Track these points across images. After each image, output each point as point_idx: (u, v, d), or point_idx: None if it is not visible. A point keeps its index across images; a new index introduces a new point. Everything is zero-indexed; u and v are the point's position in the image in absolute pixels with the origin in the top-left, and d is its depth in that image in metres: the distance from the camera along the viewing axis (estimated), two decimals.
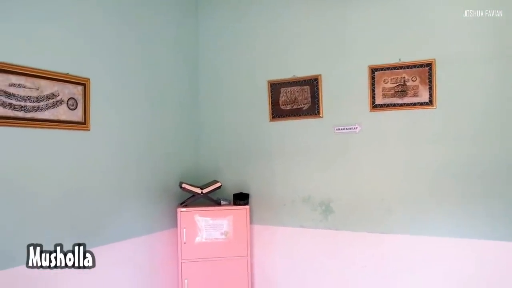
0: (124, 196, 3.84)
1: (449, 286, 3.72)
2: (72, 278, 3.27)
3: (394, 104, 3.87)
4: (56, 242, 3.13)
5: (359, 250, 4.08)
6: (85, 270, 3.03)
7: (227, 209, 4.25)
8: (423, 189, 3.81)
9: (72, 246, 2.19)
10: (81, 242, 2.31)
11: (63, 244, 3.18)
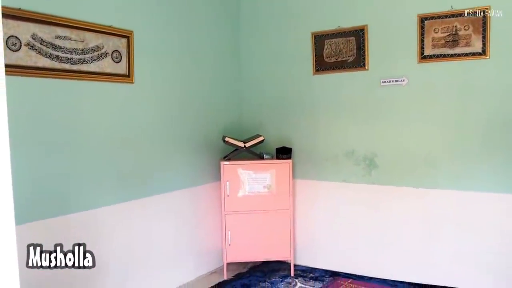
0: (168, 149, 3.91)
1: (496, 243, 3.64)
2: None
3: (444, 55, 3.70)
4: (100, 191, 3.27)
5: (402, 205, 4.02)
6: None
7: (269, 163, 4.26)
8: (473, 143, 3.67)
9: (72, 246, 2.26)
10: (81, 242, 2.40)
11: (108, 195, 3.32)
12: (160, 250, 3.81)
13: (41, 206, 2.92)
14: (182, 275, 4.08)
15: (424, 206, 3.92)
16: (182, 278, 4.07)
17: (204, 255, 4.34)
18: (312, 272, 4.40)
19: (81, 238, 3.14)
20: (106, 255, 3.33)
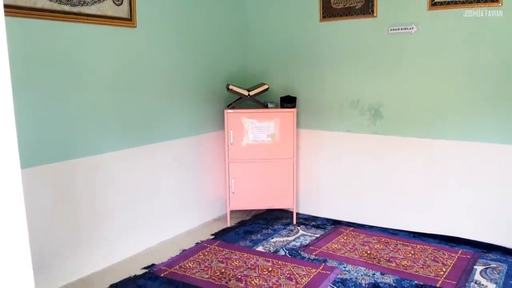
0: (172, 96, 3.87)
1: (500, 194, 3.65)
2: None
3: (455, 1, 3.58)
4: (105, 136, 3.26)
5: (407, 155, 4.02)
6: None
7: (274, 111, 4.23)
8: (482, 93, 3.62)
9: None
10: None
11: (113, 141, 3.31)
12: (164, 197, 3.85)
13: (46, 151, 2.93)
14: (186, 222, 4.14)
15: (429, 157, 3.91)
16: (186, 225, 4.13)
17: (208, 202, 4.39)
18: (314, 220, 4.46)
19: (86, 183, 3.17)
20: (110, 201, 3.36)
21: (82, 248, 3.20)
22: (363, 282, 3.14)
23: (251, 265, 3.40)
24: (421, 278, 3.20)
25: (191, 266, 3.38)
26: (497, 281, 3.16)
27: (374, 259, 3.53)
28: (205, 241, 3.89)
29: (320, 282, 3.12)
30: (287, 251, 3.70)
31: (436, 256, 3.58)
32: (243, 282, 3.11)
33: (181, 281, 3.12)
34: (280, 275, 3.23)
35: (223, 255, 3.57)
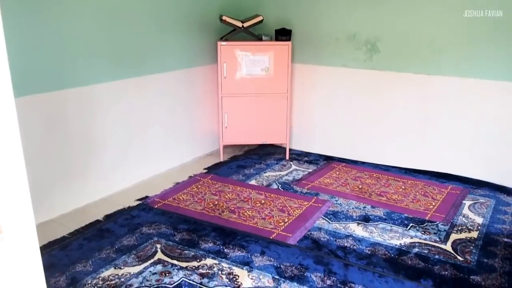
0: (163, 27, 3.73)
1: (493, 130, 3.66)
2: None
3: None
4: (95, 67, 3.17)
5: (402, 91, 3.97)
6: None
7: (268, 44, 4.11)
8: (482, 29, 3.52)
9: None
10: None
11: (103, 72, 3.22)
12: (156, 131, 3.81)
13: (35, 80, 2.84)
14: (179, 156, 4.13)
15: (425, 93, 3.87)
16: (178, 159, 4.12)
17: (201, 137, 4.36)
18: (307, 156, 4.47)
19: (78, 115, 3.12)
20: (102, 133, 3.32)
21: (75, 179, 3.20)
22: (354, 214, 3.19)
23: (244, 197, 3.43)
24: (411, 212, 3.25)
25: (184, 198, 3.40)
26: (485, 215, 3.22)
27: (365, 193, 3.57)
28: (198, 174, 3.90)
29: (312, 214, 3.16)
30: (279, 184, 3.72)
31: (426, 191, 3.63)
32: (236, 214, 3.15)
33: (175, 212, 3.15)
34: (273, 207, 3.26)
35: (216, 188, 3.59)
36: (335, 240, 2.81)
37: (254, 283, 2.33)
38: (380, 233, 2.92)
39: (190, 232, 2.88)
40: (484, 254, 2.69)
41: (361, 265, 2.52)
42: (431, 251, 2.72)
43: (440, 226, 3.05)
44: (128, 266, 2.48)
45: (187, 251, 2.64)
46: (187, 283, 2.32)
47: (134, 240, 2.76)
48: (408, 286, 2.33)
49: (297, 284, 2.33)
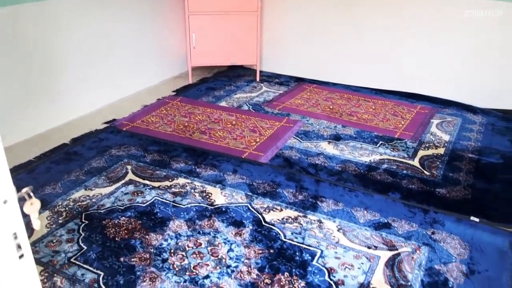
0: None
1: (463, 52, 3.66)
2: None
3: None
4: None
5: (375, 10, 3.88)
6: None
7: None
8: None
9: None
10: None
11: None
12: (121, 52, 3.65)
13: None
14: (147, 78, 4.00)
15: (394, 12, 3.80)
16: (146, 81, 4.00)
17: (168, 59, 4.22)
18: (277, 77, 4.41)
19: (35, 33, 2.94)
20: (65, 54, 3.15)
21: (38, 104, 3.06)
22: (325, 134, 3.20)
23: (215, 119, 3.38)
24: (380, 130, 3.28)
25: (153, 120, 3.33)
26: (451, 132, 3.29)
27: (336, 113, 3.57)
28: (166, 97, 3.81)
29: (283, 134, 3.16)
30: (250, 106, 3.68)
31: (396, 110, 3.66)
32: (207, 135, 3.12)
33: (144, 134, 3.10)
34: (244, 128, 3.24)
35: (185, 110, 3.53)
36: (306, 158, 2.83)
37: (227, 200, 2.35)
38: (351, 151, 2.96)
39: (161, 153, 2.84)
40: (450, 168, 2.77)
41: (332, 181, 2.56)
42: (400, 166, 2.77)
43: (408, 143, 3.10)
44: (99, 187, 2.45)
45: (159, 172, 2.62)
46: (160, 202, 2.32)
47: (103, 162, 2.72)
48: (377, 199, 2.39)
49: (269, 199, 2.36)
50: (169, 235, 2.06)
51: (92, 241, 2.01)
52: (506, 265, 1.90)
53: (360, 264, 1.90)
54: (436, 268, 1.88)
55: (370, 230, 2.13)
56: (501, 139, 3.21)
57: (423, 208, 2.32)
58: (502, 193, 2.51)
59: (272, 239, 2.04)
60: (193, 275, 1.82)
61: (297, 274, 1.83)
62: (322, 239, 2.06)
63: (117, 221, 2.15)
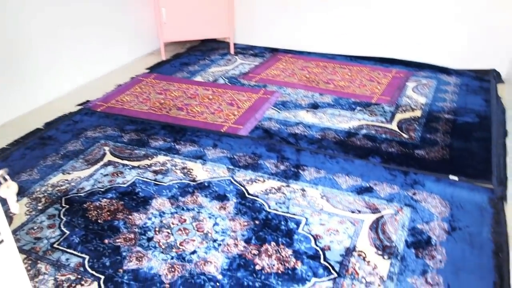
0: None
1: (436, 14, 3.66)
2: None
3: None
4: None
5: None
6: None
7: None
8: None
9: None
10: None
11: None
12: (90, 31, 3.53)
13: None
14: (118, 57, 3.90)
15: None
16: (117, 60, 3.90)
17: (139, 36, 4.12)
18: (252, 49, 4.36)
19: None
20: (29, 36, 3.04)
21: (5, 88, 2.96)
22: (302, 103, 3.19)
23: (191, 94, 3.34)
24: (357, 96, 3.29)
25: (128, 99, 3.27)
26: (427, 95, 3.31)
27: (313, 81, 3.56)
28: (140, 75, 3.73)
29: (261, 105, 3.14)
30: (226, 79, 3.64)
31: (372, 76, 3.66)
32: (184, 111, 3.07)
33: (120, 114, 3.04)
34: (221, 101, 3.21)
35: (161, 87, 3.47)
36: (286, 128, 2.82)
37: (209, 174, 2.33)
38: (329, 118, 2.96)
39: (138, 132, 2.80)
40: (427, 130, 2.80)
41: (312, 149, 2.57)
42: (378, 131, 2.79)
43: (385, 107, 3.11)
44: (77, 170, 2.41)
45: (138, 151, 2.58)
46: (141, 181, 2.29)
47: (80, 145, 2.66)
48: (357, 163, 2.41)
49: (251, 171, 2.35)
50: (152, 214, 2.04)
51: (74, 225, 1.98)
52: (486, 220, 1.94)
53: (345, 229, 1.92)
54: (418, 228, 1.91)
55: (353, 195, 2.15)
56: (475, 99, 3.25)
57: (403, 170, 2.34)
58: (479, 151, 2.55)
59: (257, 211, 2.05)
60: (180, 251, 1.81)
61: (284, 243, 1.84)
62: (306, 207, 2.07)
63: (98, 204, 2.12)
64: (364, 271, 1.69)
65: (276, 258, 1.76)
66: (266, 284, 1.64)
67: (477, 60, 3.72)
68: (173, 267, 1.73)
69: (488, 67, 3.71)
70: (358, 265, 1.72)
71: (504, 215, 1.97)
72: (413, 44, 3.86)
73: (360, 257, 1.76)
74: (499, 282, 1.60)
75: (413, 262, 1.72)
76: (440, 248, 1.79)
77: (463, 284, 1.60)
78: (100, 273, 1.71)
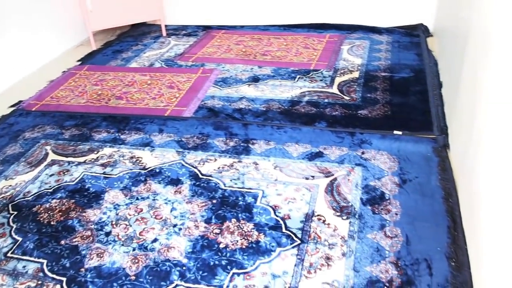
0: None
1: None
2: None
3: None
4: None
5: None
6: None
7: None
8: None
9: None
10: None
11: None
12: (13, 28, 3.33)
13: None
14: (46, 52, 3.70)
15: None
16: (46, 55, 3.71)
17: (66, 27, 3.93)
18: (184, 29, 4.28)
19: None
20: None
21: None
22: (243, 77, 3.18)
23: (128, 82, 3.24)
24: (296, 65, 3.32)
25: (63, 95, 3.13)
26: (362, 55, 3.40)
27: (250, 55, 3.55)
28: (72, 68, 3.58)
29: (202, 84, 3.10)
30: (162, 62, 3.56)
31: (307, 43, 3.70)
32: (124, 99, 2.99)
33: (57, 110, 2.91)
34: (161, 85, 3.14)
35: (96, 78, 3.34)
36: (229, 105, 2.81)
37: (159, 160, 2.30)
38: (271, 90, 2.97)
39: (79, 126, 2.70)
40: (367, 90, 2.88)
41: (259, 122, 2.58)
42: (320, 96, 2.84)
43: (324, 73, 3.16)
44: (20, 174, 2.30)
45: (82, 146, 2.49)
46: (90, 176, 2.22)
47: (19, 148, 2.53)
48: (305, 131, 2.45)
49: (202, 152, 2.33)
50: (107, 208, 1.99)
51: (26, 230, 1.90)
52: (433, 169, 2.04)
53: (302, 195, 1.96)
54: (371, 185, 1.97)
55: (305, 162, 2.18)
56: (407, 54, 3.36)
57: (349, 131, 2.40)
58: (417, 104, 2.65)
59: (213, 190, 2.04)
60: (141, 241, 1.79)
61: (244, 218, 1.85)
62: (261, 180, 2.08)
63: (48, 205, 2.04)
64: (326, 234, 1.73)
65: (239, 234, 1.77)
66: (232, 260, 1.65)
67: (405, 17, 3.84)
68: (136, 258, 1.71)
69: (415, 22, 3.83)
70: (319, 229, 1.76)
71: (449, 161, 2.08)
72: (343, 7, 3.92)
73: (320, 221, 1.81)
74: (452, 225, 1.70)
75: (371, 218, 1.78)
76: (394, 201, 1.86)
77: (420, 232, 1.68)
78: (61, 275, 1.66)
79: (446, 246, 1.60)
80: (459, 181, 1.90)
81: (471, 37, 1.97)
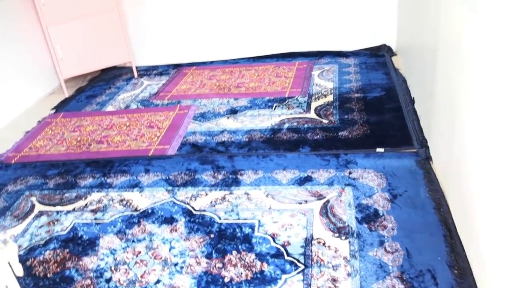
0: None
1: (325, 3, 3.87)
2: None
3: None
4: None
5: None
6: None
7: None
8: None
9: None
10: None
11: None
12: None
13: None
14: (18, 103, 3.66)
15: None
16: (18, 106, 3.66)
17: (36, 76, 3.89)
18: (155, 69, 4.32)
19: None
20: None
21: None
22: (220, 110, 3.23)
23: (107, 125, 3.24)
24: (271, 94, 3.39)
25: (42, 144, 3.10)
26: (333, 79, 3.51)
27: (224, 88, 3.61)
28: (47, 117, 3.55)
29: (181, 121, 3.12)
30: (138, 103, 3.58)
31: (278, 72, 3.79)
32: (105, 143, 2.98)
33: (37, 161, 2.87)
34: (140, 126, 3.15)
35: (73, 125, 3.32)
36: (212, 138, 2.84)
37: (150, 200, 2.29)
38: (250, 120, 3.02)
39: (63, 174, 2.66)
40: (343, 111, 2.96)
41: (244, 153, 2.61)
42: (300, 122, 2.90)
43: (299, 99, 3.24)
44: (8, 229, 2.25)
45: (68, 194, 2.46)
46: (82, 224, 2.20)
47: (3, 202, 2.48)
48: (290, 157, 2.49)
49: (192, 187, 2.34)
50: (103, 254, 1.97)
51: (23, 286, 1.86)
52: (419, 182, 2.11)
53: (298, 221, 1.99)
54: (364, 203, 2.02)
55: (295, 187, 2.22)
56: (376, 74, 3.49)
57: (334, 153, 2.46)
58: (394, 121, 2.75)
59: (208, 224, 2.05)
60: (143, 284, 1.77)
61: (244, 249, 1.87)
62: (255, 209, 2.11)
63: (42, 258, 2.00)
64: (328, 256, 1.76)
65: (242, 266, 1.78)
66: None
67: (369, 39, 3.99)
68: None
69: (379, 43, 3.99)
70: (321, 252, 1.79)
71: (434, 173, 2.15)
72: (309, 34, 4.05)
73: (320, 243, 1.83)
74: (448, 234, 1.75)
75: (369, 236, 1.82)
76: (388, 217, 1.91)
77: (418, 244, 1.73)
78: None
79: (446, 255, 1.65)
80: (447, 190, 1.97)
81: (440, 50, 2.07)
